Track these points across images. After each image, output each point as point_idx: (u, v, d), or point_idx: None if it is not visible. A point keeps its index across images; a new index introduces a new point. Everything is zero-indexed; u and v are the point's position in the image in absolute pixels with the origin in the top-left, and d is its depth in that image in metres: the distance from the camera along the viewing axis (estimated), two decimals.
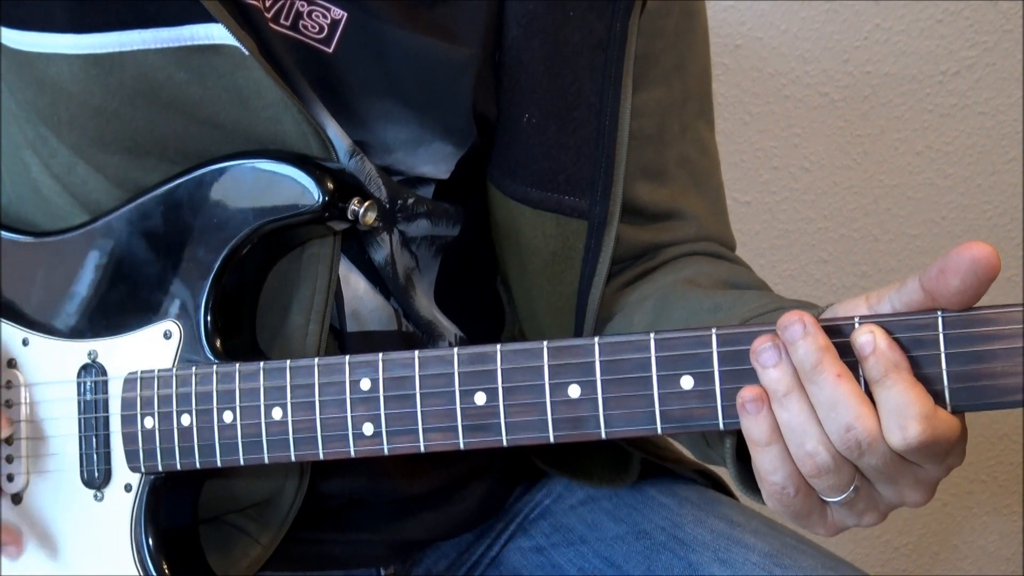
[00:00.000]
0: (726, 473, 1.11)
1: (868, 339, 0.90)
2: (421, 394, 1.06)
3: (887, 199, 2.19)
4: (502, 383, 1.03)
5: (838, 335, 0.92)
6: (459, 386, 1.04)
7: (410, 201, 1.25)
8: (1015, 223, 2.22)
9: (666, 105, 1.30)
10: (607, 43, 1.23)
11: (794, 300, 1.13)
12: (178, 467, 1.15)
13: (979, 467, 2.34)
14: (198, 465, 1.14)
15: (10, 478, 1.22)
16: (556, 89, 1.24)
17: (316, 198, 1.15)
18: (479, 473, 1.39)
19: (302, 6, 1.20)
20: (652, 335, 0.98)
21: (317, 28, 1.20)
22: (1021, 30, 2.13)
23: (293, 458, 1.11)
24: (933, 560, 2.38)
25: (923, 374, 0.90)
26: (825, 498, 0.95)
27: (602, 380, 0.99)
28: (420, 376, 1.06)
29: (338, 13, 1.20)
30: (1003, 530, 2.38)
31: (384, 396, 1.07)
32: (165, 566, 1.18)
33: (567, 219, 1.25)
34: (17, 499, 1.23)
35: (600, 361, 0.99)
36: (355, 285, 1.26)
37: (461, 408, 1.04)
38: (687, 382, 0.97)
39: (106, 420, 1.18)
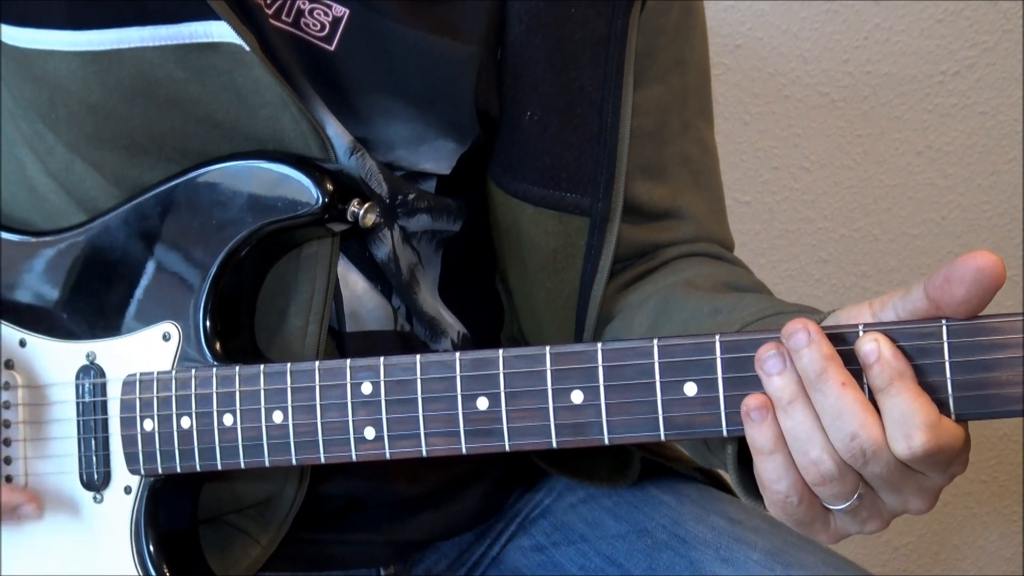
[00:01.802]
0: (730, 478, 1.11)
1: (873, 347, 0.90)
2: (423, 398, 1.05)
3: (887, 199, 2.19)
4: (504, 388, 1.03)
5: (842, 343, 0.92)
6: (461, 391, 1.04)
7: (411, 196, 1.25)
8: (1015, 223, 2.22)
9: (666, 103, 1.30)
10: (608, 40, 1.23)
11: (794, 304, 1.12)
12: (178, 470, 1.15)
13: (979, 467, 2.34)
14: (198, 468, 1.14)
15: (9, 479, 1.22)
16: (558, 86, 1.23)
17: (315, 200, 1.14)
18: (479, 474, 1.39)
19: (303, 4, 1.19)
20: (655, 341, 0.98)
21: (319, 26, 1.20)
22: (1021, 30, 2.13)
23: (294, 462, 1.10)
24: (933, 560, 2.38)
25: (927, 383, 0.90)
26: (829, 506, 0.95)
27: (605, 386, 0.99)
28: (422, 380, 1.05)
29: (340, 10, 1.20)
30: (1003, 530, 2.38)
31: (386, 400, 1.07)
32: (165, 568, 1.18)
33: (569, 216, 1.25)
34: None
35: (603, 367, 0.99)
36: (354, 284, 1.26)
37: (463, 413, 1.04)
38: (691, 389, 0.97)
39: (105, 422, 1.18)
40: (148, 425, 1.16)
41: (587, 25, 1.23)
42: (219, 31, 1.14)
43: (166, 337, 1.17)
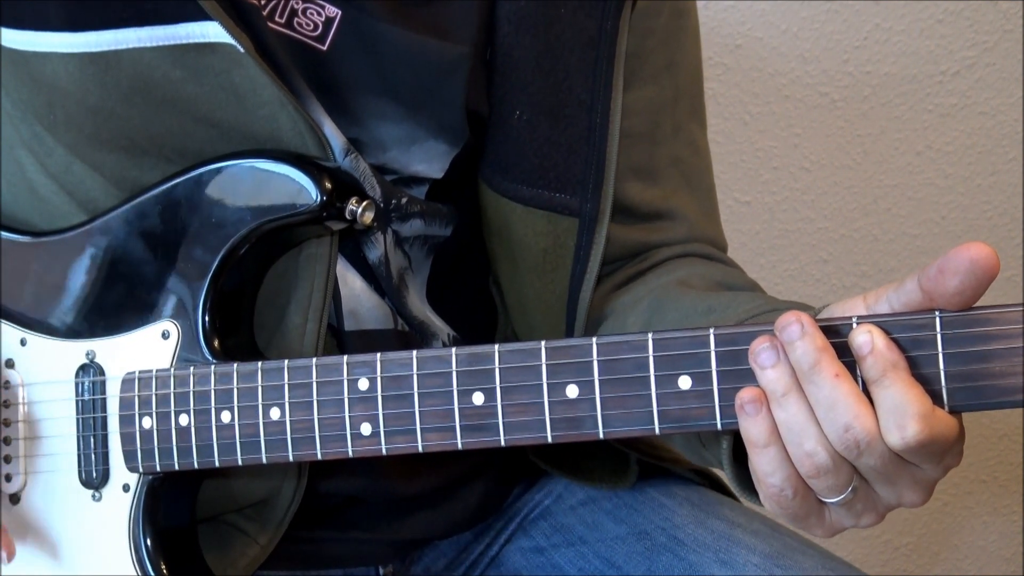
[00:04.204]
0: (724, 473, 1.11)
1: (866, 339, 0.90)
2: (419, 394, 1.05)
3: (887, 199, 2.19)
4: (500, 383, 1.03)
5: (836, 335, 0.92)
6: (457, 386, 1.04)
7: (403, 201, 1.26)
8: (1015, 223, 2.22)
9: (657, 104, 1.30)
10: (598, 40, 1.23)
11: (788, 301, 1.12)
12: (176, 467, 1.15)
13: (979, 467, 2.34)
14: (196, 465, 1.14)
15: (8, 478, 1.22)
16: (547, 86, 1.24)
17: (314, 198, 1.15)
18: (477, 473, 1.39)
19: (296, 4, 1.20)
20: (650, 335, 0.98)
21: (312, 26, 1.20)
22: (1021, 30, 2.13)
23: (291, 458, 1.10)
24: (933, 560, 2.38)
25: (921, 374, 0.90)
26: (823, 499, 0.95)
27: (600, 380, 0.99)
28: (418, 376, 1.06)
29: (332, 11, 1.20)
30: (1003, 530, 2.38)
31: (382, 396, 1.07)
32: (163, 566, 1.18)
33: (558, 216, 1.25)
34: (15, 499, 1.22)
35: (598, 361, 0.99)
36: (352, 284, 1.26)
37: (459, 408, 1.04)
38: (685, 382, 0.97)
39: (104, 420, 1.18)
40: (147, 423, 1.16)
41: (577, 26, 1.23)
42: (215, 31, 1.14)
43: (165, 335, 1.18)
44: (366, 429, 1.07)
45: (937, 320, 0.90)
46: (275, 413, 1.11)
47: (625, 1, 1.24)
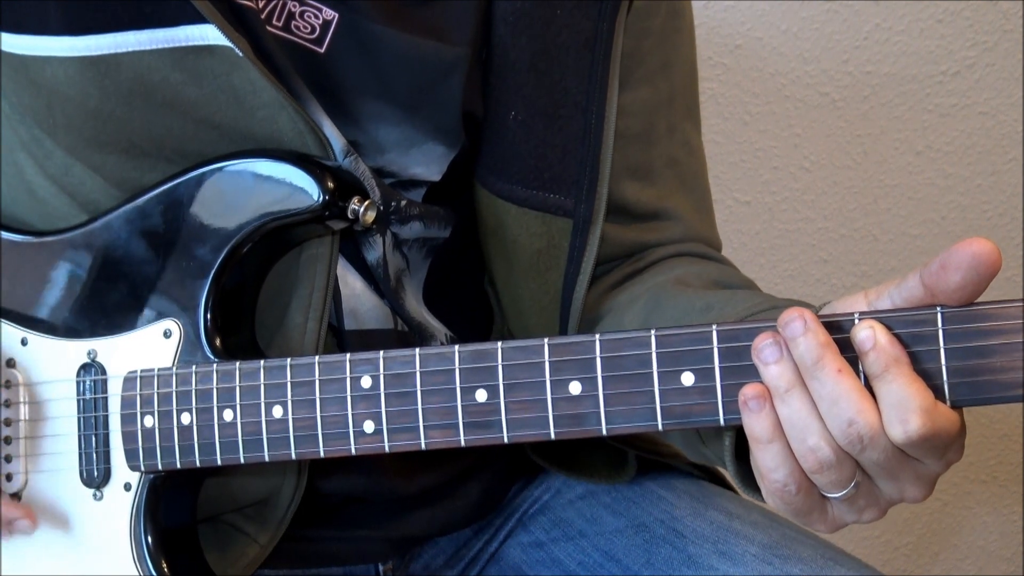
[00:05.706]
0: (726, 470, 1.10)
1: (868, 334, 0.90)
2: (422, 391, 1.06)
3: (887, 199, 2.19)
4: (503, 380, 1.03)
5: (838, 331, 0.92)
6: (460, 383, 1.04)
7: (403, 203, 1.26)
8: (1015, 223, 2.22)
9: (653, 105, 1.31)
10: (594, 42, 1.24)
11: (786, 299, 1.13)
12: (178, 466, 1.15)
13: (979, 467, 2.34)
14: (198, 464, 1.14)
15: (9, 477, 1.22)
16: (543, 87, 1.24)
17: (316, 197, 1.15)
18: (477, 470, 1.40)
19: (294, 7, 1.20)
20: (653, 331, 0.98)
21: (309, 28, 1.20)
22: (1021, 30, 2.13)
23: (294, 456, 1.11)
24: (933, 560, 2.38)
25: (923, 369, 0.91)
26: (826, 494, 0.95)
27: (603, 377, 1.00)
28: (421, 373, 1.06)
29: (329, 14, 1.20)
30: (1003, 530, 2.38)
31: (385, 394, 1.07)
32: (164, 565, 1.18)
33: (552, 217, 1.25)
34: (16, 498, 1.22)
35: (601, 357, 0.99)
36: (352, 284, 1.27)
37: (462, 405, 1.04)
38: (688, 378, 0.97)
39: (106, 419, 1.19)
40: (148, 421, 1.16)
41: (573, 27, 1.23)
42: (213, 34, 1.14)
43: (167, 334, 1.18)
44: (369, 427, 1.08)
45: (939, 316, 0.90)
46: (278, 411, 1.11)
47: (621, 2, 1.24)
